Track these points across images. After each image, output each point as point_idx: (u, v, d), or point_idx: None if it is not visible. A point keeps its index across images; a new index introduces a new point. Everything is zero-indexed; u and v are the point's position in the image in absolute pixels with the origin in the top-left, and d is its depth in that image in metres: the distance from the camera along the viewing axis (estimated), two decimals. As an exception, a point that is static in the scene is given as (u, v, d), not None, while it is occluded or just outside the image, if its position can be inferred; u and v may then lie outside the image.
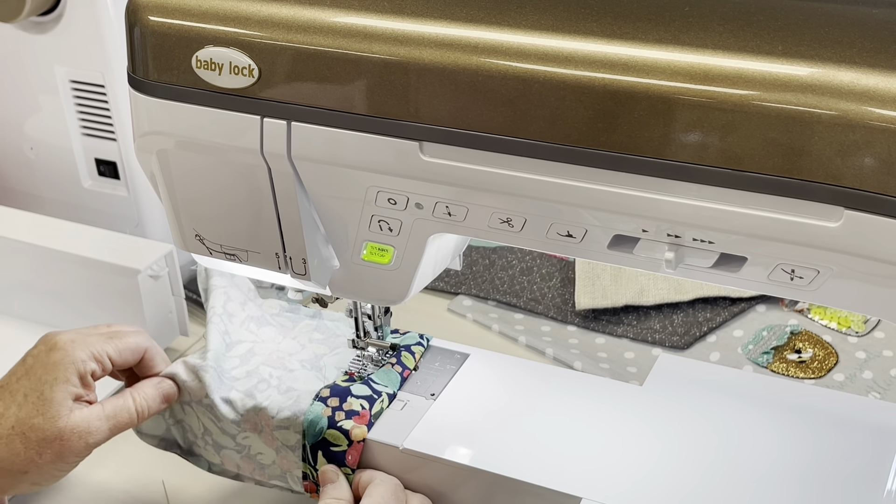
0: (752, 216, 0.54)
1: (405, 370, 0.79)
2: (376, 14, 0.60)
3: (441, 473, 0.73)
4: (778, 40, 0.53)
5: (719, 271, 0.59)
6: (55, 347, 0.73)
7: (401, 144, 0.61)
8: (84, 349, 0.73)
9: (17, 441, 0.69)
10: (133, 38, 0.66)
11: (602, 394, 0.79)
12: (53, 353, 0.72)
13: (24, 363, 0.73)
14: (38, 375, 0.71)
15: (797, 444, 0.73)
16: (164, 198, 0.72)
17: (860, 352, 0.98)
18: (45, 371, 0.71)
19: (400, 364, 0.80)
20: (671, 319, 1.03)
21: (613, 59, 0.55)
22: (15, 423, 0.70)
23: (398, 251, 0.68)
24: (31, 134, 1.13)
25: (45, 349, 0.73)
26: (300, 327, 0.85)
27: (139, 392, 0.76)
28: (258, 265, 0.72)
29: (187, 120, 0.66)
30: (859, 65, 0.51)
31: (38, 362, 0.72)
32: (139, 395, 0.75)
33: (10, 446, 0.69)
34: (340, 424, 0.74)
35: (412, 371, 0.80)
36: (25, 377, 0.72)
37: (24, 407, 0.70)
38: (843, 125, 0.51)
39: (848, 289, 0.56)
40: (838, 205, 0.52)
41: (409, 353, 0.81)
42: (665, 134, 0.54)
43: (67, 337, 0.73)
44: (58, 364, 0.72)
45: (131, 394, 0.75)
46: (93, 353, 0.73)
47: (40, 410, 0.70)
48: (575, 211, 0.60)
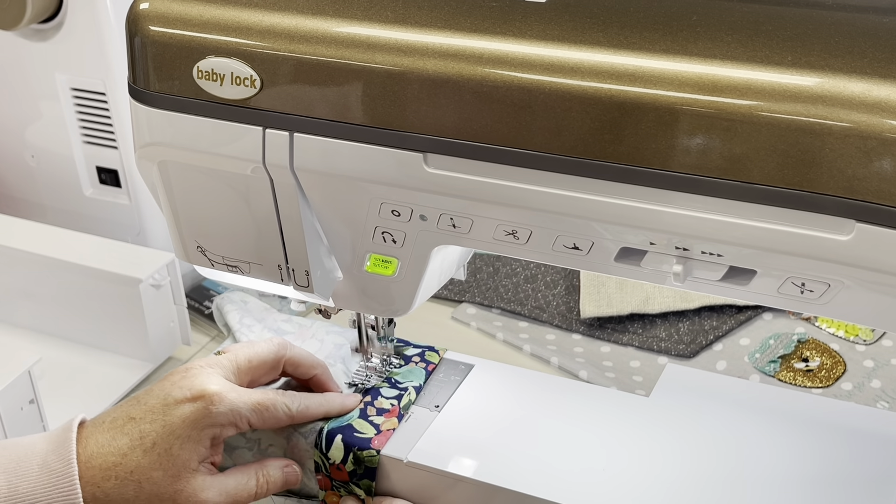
0: (762, 229, 0.54)
1: (429, 365, 0.80)
2: (379, 24, 0.59)
3: (445, 486, 0.72)
4: (787, 50, 0.52)
5: (728, 284, 0.58)
6: (200, 399, 0.68)
7: (404, 156, 0.60)
8: (228, 413, 0.69)
9: (132, 487, 0.67)
10: (134, 48, 0.65)
11: (608, 405, 0.78)
12: (196, 406, 0.68)
13: (165, 403, 0.69)
14: (173, 427, 0.68)
15: (805, 456, 0.72)
16: (165, 209, 0.72)
17: (868, 360, 0.97)
18: (182, 425, 0.68)
19: (423, 361, 0.80)
20: (677, 328, 1.02)
21: (620, 70, 0.54)
22: (135, 469, 0.67)
23: (402, 263, 0.67)
24: (32, 142, 1.13)
25: (189, 396, 0.68)
26: (316, 326, 0.86)
27: (264, 473, 0.72)
28: (260, 277, 0.71)
29: (188, 131, 0.65)
30: (870, 75, 0.50)
31: (178, 411, 0.68)
32: (263, 477, 0.72)
33: (123, 490, 0.67)
34: (372, 419, 0.75)
35: (436, 365, 0.81)
36: (160, 422, 0.68)
37: (149, 454, 0.67)
38: (854, 136, 0.50)
39: (859, 302, 0.56)
40: (850, 217, 0.52)
41: (434, 352, 0.82)
42: (673, 145, 0.54)
43: (214, 389, 0.69)
44: (196, 423, 0.68)
45: (256, 474, 0.72)
46: (234, 418, 0.69)
47: (164, 465, 0.67)
48: (581, 223, 0.59)
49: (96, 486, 0.66)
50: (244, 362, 0.73)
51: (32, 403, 0.87)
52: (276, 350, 0.75)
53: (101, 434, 0.68)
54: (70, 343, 1.03)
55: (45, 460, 0.66)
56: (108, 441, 0.68)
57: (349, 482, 0.73)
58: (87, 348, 1.03)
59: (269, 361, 0.74)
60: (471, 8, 0.59)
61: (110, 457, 0.67)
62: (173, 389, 0.69)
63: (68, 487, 0.65)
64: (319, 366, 0.77)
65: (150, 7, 0.64)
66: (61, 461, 0.66)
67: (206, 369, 0.71)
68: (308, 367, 0.76)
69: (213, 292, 1.09)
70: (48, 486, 0.65)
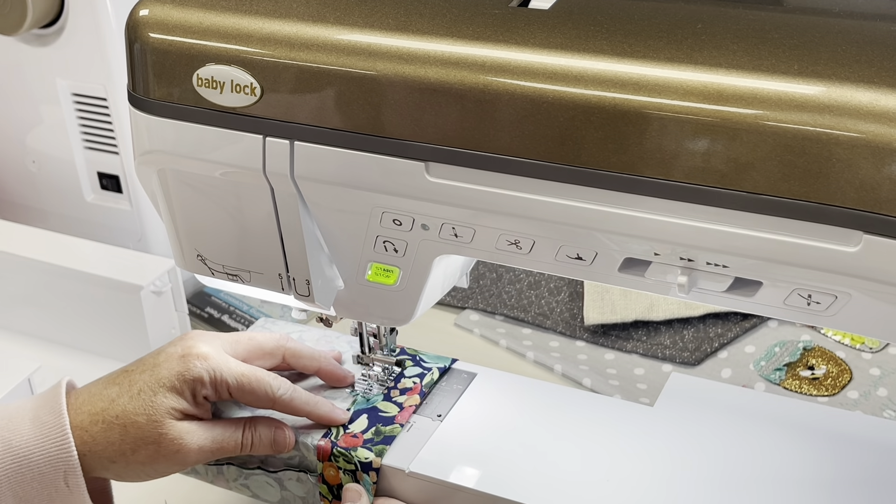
0: (768, 240, 0.53)
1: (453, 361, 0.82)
2: (381, 31, 0.59)
3: (447, 497, 0.72)
4: (794, 59, 0.52)
5: (733, 296, 0.58)
6: (186, 356, 0.71)
7: (406, 164, 0.60)
8: (209, 371, 0.71)
9: (117, 431, 0.69)
10: (133, 55, 0.65)
11: (612, 415, 0.77)
12: (182, 360, 0.71)
13: (156, 357, 0.72)
14: (159, 376, 0.71)
15: (809, 466, 0.71)
16: (165, 217, 0.71)
17: (874, 368, 0.96)
18: (167, 375, 0.71)
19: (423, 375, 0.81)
20: (682, 335, 1.01)
21: (624, 79, 0.54)
22: (120, 413, 0.70)
23: (404, 272, 0.67)
24: (33, 147, 1.13)
25: (179, 352, 0.72)
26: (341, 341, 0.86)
27: (253, 427, 0.74)
28: (261, 286, 0.71)
29: (188, 139, 0.65)
30: (878, 84, 0.50)
31: (167, 363, 0.71)
32: (250, 431, 0.73)
33: (108, 434, 0.69)
34: (395, 399, 0.77)
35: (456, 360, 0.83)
36: (149, 371, 0.71)
37: (133, 400, 0.70)
38: (861, 146, 0.49)
39: (866, 314, 0.55)
40: (857, 229, 0.51)
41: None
42: (677, 155, 0.53)
43: (203, 350, 0.72)
44: (179, 375, 0.71)
45: (245, 426, 0.73)
46: (215, 379, 0.71)
47: (146, 411, 0.70)
48: (585, 233, 0.58)
49: (84, 430, 0.69)
50: (244, 339, 0.76)
51: (32, 411, 0.87)
52: (277, 338, 0.78)
53: (94, 386, 0.72)
54: (71, 350, 1.03)
55: (37, 414, 0.69)
56: (99, 390, 0.71)
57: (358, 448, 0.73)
58: (88, 355, 1.02)
59: (268, 346, 0.77)
60: (473, 15, 0.58)
61: (99, 403, 0.70)
62: (169, 346, 0.73)
63: (60, 438, 0.68)
64: (322, 358, 0.79)
65: (149, 14, 0.64)
66: (52, 414, 0.69)
67: (204, 335, 0.74)
68: (309, 359, 0.78)
69: (215, 298, 1.09)
70: (41, 438, 0.68)
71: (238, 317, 1.06)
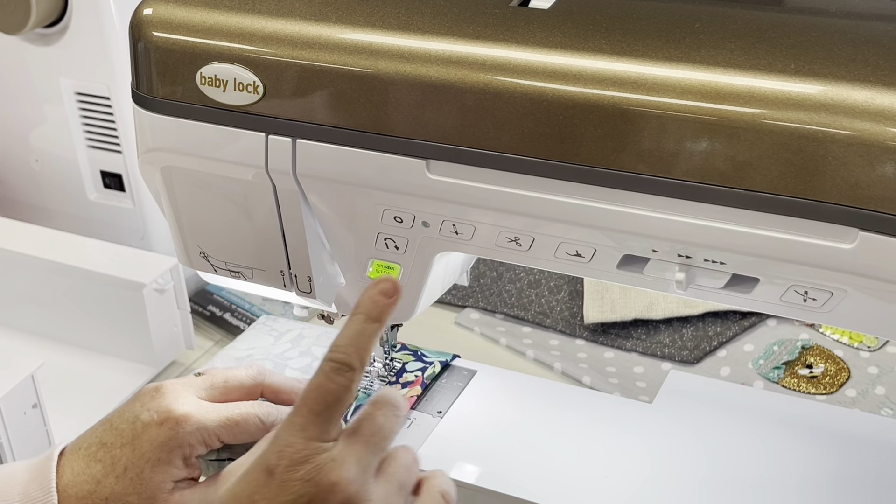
0: (765, 237, 0.54)
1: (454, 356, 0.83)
2: (382, 30, 0.59)
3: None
4: (790, 58, 0.52)
5: (731, 292, 0.58)
6: (166, 422, 0.67)
7: (407, 162, 0.60)
8: (196, 433, 0.67)
9: None
10: (137, 54, 0.65)
11: (610, 411, 0.78)
12: (163, 429, 0.67)
13: (133, 426, 0.68)
14: (143, 451, 0.67)
15: (808, 464, 0.72)
16: (168, 214, 0.72)
17: (872, 367, 0.96)
18: (150, 448, 0.67)
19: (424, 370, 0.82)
20: (681, 333, 1.02)
21: (623, 77, 0.54)
22: (109, 496, 0.66)
23: (405, 269, 0.67)
24: (36, 146, 1.13)
25: (157, 420, 0.67)
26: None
27: None
28: (263, 283, 0.71)
29: (191, 136, 0.65)
30: (874, 83, 0.50)
31: (146, 434, 0.67)
32: None
33: None
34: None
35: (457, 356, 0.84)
36: (129, 446, 0.67)
37: (121, 480, 0.66)
38: (857, 145, 0.50)
39: (862, 311, 0.55)
40: (853, 226, 0.51)
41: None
42: (676, 153, 0.54)
43: (182, 411, 0.67)
44: (164, 445, 0.67)
45: None
46: (204, 437, 0.68)
47: (137, 489, 0.66)
48: (584, 230, 0.59)
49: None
50: (219, 382, 0.72)
51: (35, 408, 0.87)
52: (254, 375, 0.73)
53: (76, 462, 0.68)
54: (73, 347, 1.03)
55: (26, 490, 0.66)
56: (82, 469, 0.67)
57: None
58: (91, 353, 1.03)
59: (247, 385, 0.72)
60: (473, 15, 0.59)
61: (85, 485, 0.67)
62: (142, 412, 0.68)
63: None
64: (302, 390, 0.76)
65: (153, 13, 0.65)
66: (41, 490, 0.66)
67: (177, 388, 0.69)
68: (289, 394, 0.74)
69: (217, 297, 1.10)
70: None
71: (240, 315, 1.07)
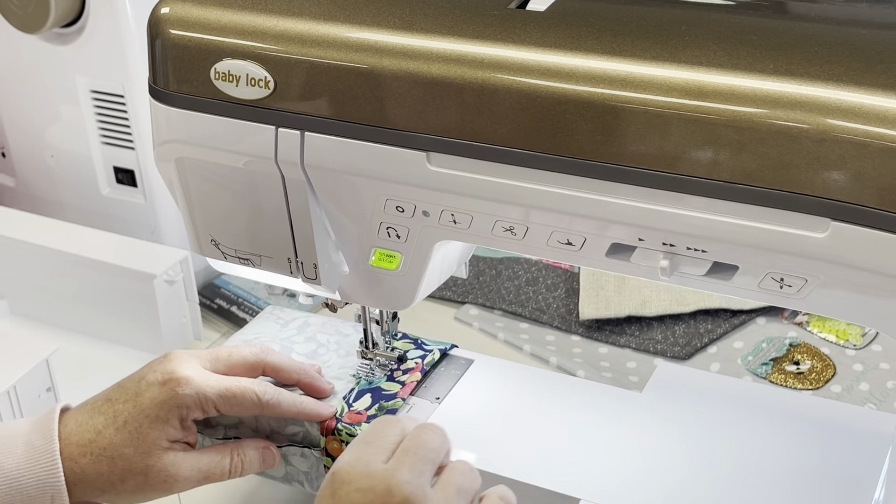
0: (743, 226, 0.57)
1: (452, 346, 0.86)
2: (387, 30, 0.63)
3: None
4: (769, 59, 0.55)
5: (712, 279, 0.61)
6: (168, 382, 0.71)
7: (408, 154, 0.63)
8: (194, 396, 0.71)
9: (105, 463, 0.70)
10: (154, 51, 0.69)
11: (602, 399, 0.81)
12: (165, 388, 0.71)
13: (137, 385, 0.72)
14: (143, 407, 0.71)
15: (789, 450, 0.75)
16: (181, 204, 0.75)
17: (857, 364, 1.00)
18: (151, 405, 0.71)
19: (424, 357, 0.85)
20: (673, 330, 1.05)
21: (612, 76, 0.57)
22: (108, 446, 0.71)
23: (405, 257, 0.71)
24: (51, 142, 1.16)
25: (160, 379, 0.72)
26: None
27: (240, 452, 0.75)
28: (271, 269, 0.75)
29: (205, 129, 0.69)
30: (846, 83, 0.53)
31: (149, 392, 0.71)
32: (238, 457, 0.75)
33: (97, 466, 0.70)
34: (398, 379, 0.81)
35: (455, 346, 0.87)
36: (132, 402, 0.71)
37: (120, 432, 0.71)
38: (829, 140, 0.53)
39: (835, 297, 0.59)
40: (825, 216, 0.54)
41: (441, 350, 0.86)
42: (661, 147, 0.57)
43: (184, 374, 0.72)
44: (163, 403, 0.71)
45: (232, 452, 0.75)
46: (201, 401, 0.72)
47: (133, 442, 0.70)
48: (574, 220, 0.62)
49: (74, 461, 0.70)
50: (224, 355, 0.76)
51: (49, 391, 0.91)
52: (258, 353, 0.77)
53: (80, 414, 0.72)
54: (86, 336, 1.06)
55: (29, 439, 0.70)
56: (85, 420, 0.72)
57: (362, 423, 0.76)
58: (103, 341, 1.06)
59: (249, 361, 0.77)
60: (474, 16, 0.62)
61: (86, 434, 0.71)
62: (148, 373, 0.73)
63: (50, 464, 0.69)
64: (302, 371, 0.79)
65: (170, 11, 0.68)
66: (44, 439, 0.70)
67: (183, 356, 0.74)
68: (289, 372, 0.78)
69: (224, 290, 1.13)
70: (31, 462, 0.69)
71: (247, 308, 1.10)
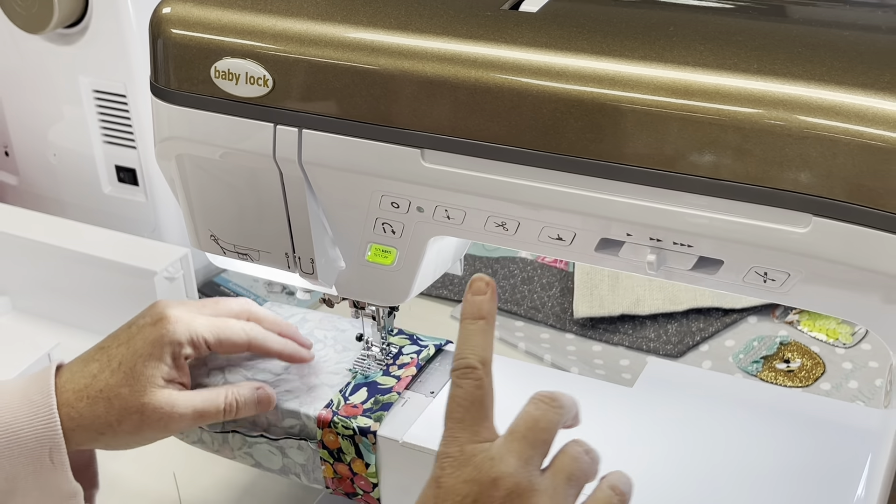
0: (728, 221, 0.58)
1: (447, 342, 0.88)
2: (383, 30, 0.64)
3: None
4: (754, 59, 0.57)
5: (698, 273, 0.63)
6: (159, 322, 0.74)
7: (403, 151, 0.65)
8: (185, 332, 0.75)
9: (101, 404, 0.73)
10: (156, 50, 0.70)
11: (593, 394, 0.82)
12: (156, 328, 0.74)
13: (129, 330, 0.76)
14: (136, 347, 0.74)
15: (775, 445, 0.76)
16: (181, 200, 0.76)
17: (847, 362, 1.01)
18: (143, 345, 0.74)
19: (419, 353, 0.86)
20: (665, 329, 1.06)
21: (602, 75, 0.59)
22: (104, 387, 0.73)
23: (401, 252, 0.72)
24: (54, 141, 1.17)
25: (150, 321, 0.75)
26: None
27: (235, 391, 0.77)
28: (269, 264, 0.76)
29: (205, 126, 0.70)
30: (828, 82, 0.55)
31: (140, 334, 0.74)
32: (232, 395, 0.77)
33: (94, 408, 0.73)
34: (393, 373, 0.82)
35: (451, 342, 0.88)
36: (125, 345, 0.74)
37: (115, 374, 0.73)
38: (811, 138, 0.55)
39: (817, 291, 0.60)
40: (806, 212, 0.56)
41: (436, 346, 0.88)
42: (649, 144, 0.58)
43: (174, 314, 0.75)
44: (156, 341, 0.74)
45: (226, 391, 0.77)
46: (192, 337, 0.75)
47: (128, 382, 0.73)
48: (564, 215, 0.63)
49: (71, 406, 0.73)
50: (210, 303, 0.80)
51: (51, 385, 0.92)
52: (242, 303, 0.81)
53: (75, 365, 0.76)
54: (87, 332, 1.07)
55: (26, 394, 0.73)
56: (80, 368, 0.75)
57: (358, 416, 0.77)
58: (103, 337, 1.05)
59: (235, 310, 0.80)
60: (467, 16, 0.64)
61: (82, 380, 0.74)
62: (138, 318, 0.76)
63: (48, 417, 0.72)
64: (283, 323, 0.82)
65: (172, 11, 0.69)
66: (41, 394, 0.73)
67: (171, 301, 0.77)
68: (271, 323, 0.81)
69: (224, 288, 1.14)
70: (30, 416, 0.72)
71: (245, 305, 1.12)
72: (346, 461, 0.79)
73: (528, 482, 0.58)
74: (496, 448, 0.59)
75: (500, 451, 0.59)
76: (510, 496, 0.57)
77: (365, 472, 0.78)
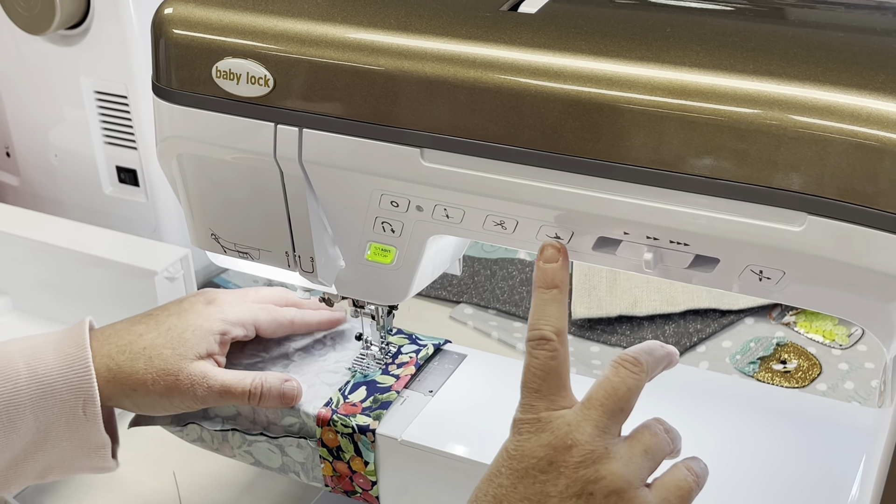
0: (724, 220, 0.59)
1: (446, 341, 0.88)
2: (383, 30, 0.65)
3: (436, 464, 0.77)
4: (749, 59, 0.58)
5: (694, 271, 0.63)
6: (214, 302, 0.78)
7: (403, 151, 0.65)
8: (238, 312, 0.78)
9: (142, 361, 0.75)
10: (158, 50, 0.71)
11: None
12: (210, 306, 0.78)
13: (180, 304, 0.79)
14: (189, 319, 0.77)
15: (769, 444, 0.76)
16: (182, 199, 0.77)
17: (843, 364, 1.02)
18: (196, 317, 0.77)
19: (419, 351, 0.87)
20: (663, 330, 1.07)
21: (599, 75, 0.59)
22: (148, 346, 0.76)
23: (400, 251, 0.73)
24: (55, 142, 1.18)
25: (204, 300, 0.79)
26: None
27: (263, 377, 0.78)
28: (269, 263, 0.77)
29: (206, 126, 0.71)
30: (823, 83, 0.56)
31: (193, 309, 0.78)
32: (259, 380, 0.78)
33: (134, 363, 0.75)
34: (393, 373, 0.83)
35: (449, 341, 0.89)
36: (176, 315, 0.77)
37: (162, 336, 0.76)
38: (806, 137, 0.55)
39: (812, 289, 0.61)
40: (802, 211, 0.56)
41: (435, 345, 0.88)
42: (645, 144, 0.59)
43: (226, 297, 0.79)
44: (209, 315, 0.77)
45: (255, 375, 0.78)
46: (242, 319, 0.79)
47: (174, 345, 0.76)
48: (562, 214, 0.64)
49: (111, 358, 0.75)
50: (251, 293, 0.83)
51: (52, 383, 0.92)
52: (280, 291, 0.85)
53: (119, 324, 0.78)
54: (87, 332, 1.08)
55: (61, 346, 0.75)
56: (125, 327, 0.78)
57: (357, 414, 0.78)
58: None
59: (275, 296, 0.84)
60: (466, 17, 0.64)
61: (126, 335, 0.77)
62: (188, 297, 0.80)
63: (83, 369, 0.74)
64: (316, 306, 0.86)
65: (173, 12, 0.70)
66: (76, 347, 0.75)
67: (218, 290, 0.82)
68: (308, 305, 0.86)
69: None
70: (65, 368, 0.74)
71: (245, 305, 1.12)
72: (345, 459, 0.79)
73: (605, 449, 0.59)
74: (573, 415, 0.60)
75: (576, 418, 0.60)
76: (584, 462, 0.59)
77: (364, 471, 0.79)
